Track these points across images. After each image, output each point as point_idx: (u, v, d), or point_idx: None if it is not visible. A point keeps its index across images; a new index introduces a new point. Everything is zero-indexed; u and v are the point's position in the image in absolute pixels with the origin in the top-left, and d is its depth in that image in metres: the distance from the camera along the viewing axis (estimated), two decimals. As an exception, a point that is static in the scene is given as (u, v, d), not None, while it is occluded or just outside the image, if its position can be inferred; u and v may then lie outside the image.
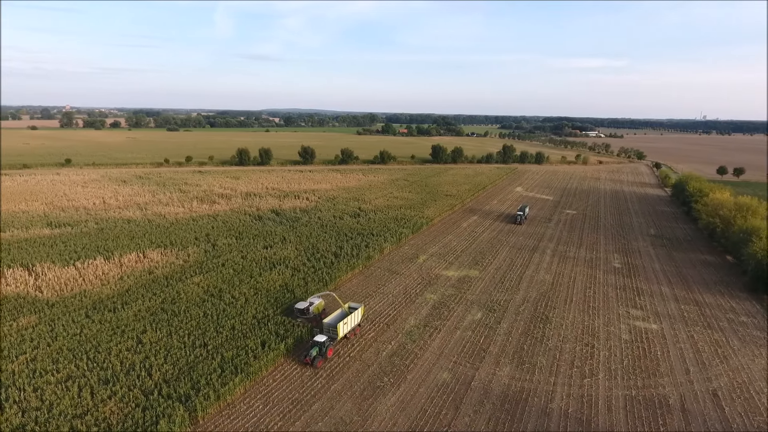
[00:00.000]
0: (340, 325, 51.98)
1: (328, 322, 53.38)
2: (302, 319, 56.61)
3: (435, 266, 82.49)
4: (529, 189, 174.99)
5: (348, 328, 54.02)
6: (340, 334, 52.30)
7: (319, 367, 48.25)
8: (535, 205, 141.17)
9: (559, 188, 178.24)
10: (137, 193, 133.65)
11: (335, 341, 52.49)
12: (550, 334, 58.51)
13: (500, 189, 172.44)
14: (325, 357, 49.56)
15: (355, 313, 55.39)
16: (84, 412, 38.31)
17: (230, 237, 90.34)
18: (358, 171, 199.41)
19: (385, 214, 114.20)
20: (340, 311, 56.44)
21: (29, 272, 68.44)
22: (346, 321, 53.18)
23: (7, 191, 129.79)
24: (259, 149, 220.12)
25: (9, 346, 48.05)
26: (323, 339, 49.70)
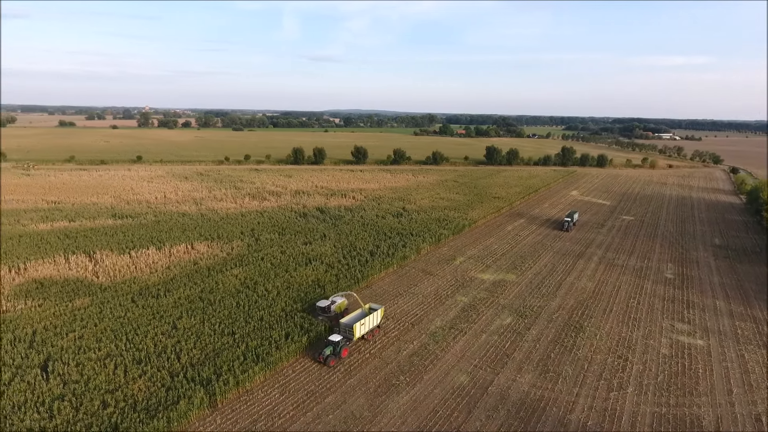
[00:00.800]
0: (357, 326, 52.09)
1: (345, 322, 53.66)
2: (323, 317, 57.06)
3: (471, 268, 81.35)
4: (585, 193, 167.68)
5: (365, 329, 53.85)
6: (356, 334, 52.38)
7: (332, 366, 48.59)
8: (588, 210, 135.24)
9: (618, 193, 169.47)
10: (195, 188, 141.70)
11: (351, 342, 52.70)
12: (582, 343, 56.12)
13: (554, 192, 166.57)
14: (339, 357, 49.73)
15: (375, 314, 55.29)
16: (115, 388, 41.55)
17: (273, 232, 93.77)
18: (409, 171, 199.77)
19: (427, 215, 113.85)
20: (360, 312, 56.64)
21: (90, 258, 74.67)
22: (364, 322, 53.11)
23: (82, 185, 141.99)
24: (314, 149, 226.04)
25: (62, 324, 52.84)
26: (338, 339, 50.02)
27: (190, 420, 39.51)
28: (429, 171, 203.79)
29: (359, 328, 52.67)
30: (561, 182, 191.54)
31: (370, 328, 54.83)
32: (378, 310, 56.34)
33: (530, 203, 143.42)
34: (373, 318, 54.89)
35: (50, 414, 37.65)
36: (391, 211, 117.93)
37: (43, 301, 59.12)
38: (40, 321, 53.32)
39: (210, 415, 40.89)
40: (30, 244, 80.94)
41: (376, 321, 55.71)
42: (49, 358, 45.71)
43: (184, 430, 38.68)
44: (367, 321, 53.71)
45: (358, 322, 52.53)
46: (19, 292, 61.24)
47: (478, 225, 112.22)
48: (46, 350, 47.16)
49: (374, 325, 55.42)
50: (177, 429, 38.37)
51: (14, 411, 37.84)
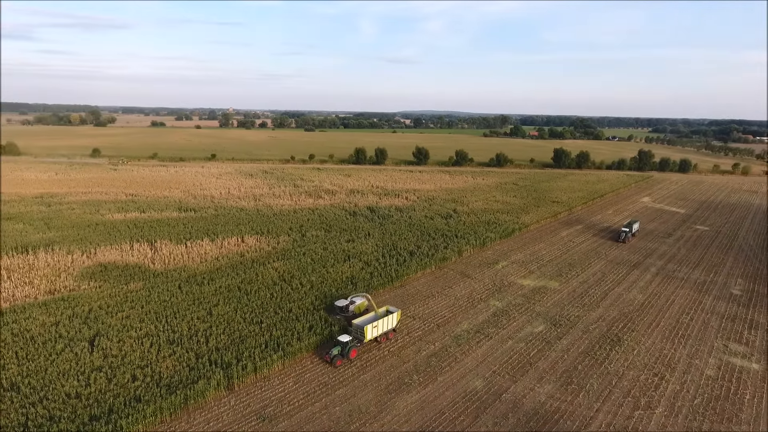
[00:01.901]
0: (368, 328, 51.75)
1: (357, 323, 53.39)
2: (341, 317, 57.21)
3: (512, 273, 79.14)
4: (658, 200, 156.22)
5: (378, 332, 53.18)
6: (367, 336, 51.96)
7: (338, 366, 48.54)
8: (658, 219, 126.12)
9: (696, 201, 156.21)
10: (258, 185, 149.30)
11: (362, 343, 52.35)
12: (616, 357, 52.94)
13: (622, 198, 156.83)
14: (347, 357, 49.71)
15: (390, 317, 54.58)
16: (146, 364, 45.42)
17: (320, 229, 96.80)
18: (469, 173, 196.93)
19: (477, 218, 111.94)
20: (374, 314, 56.02)
21: (151, 246, 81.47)
22: (376, 324, 52.64)
23: (158, 179, 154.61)
24: (375, 149, 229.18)
25: (114, 304, 58.38)
26: (347, 339, 50.03)
27: (207, 399, 42.32)
28: (490, 173, 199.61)
29: (371, 331, 52.18)
30: (632, 188, 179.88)
31: (384, 331, 53.99)
32: (394, 313, 55.56)
33: (592, 209, 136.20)
34: (387, 321, 54.14)
35: (87, 382, 42.00)
36: (441, 212, 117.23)
37: (103, 282, 65.58)
38: (96, 300, 59.25)
39: (226, 396, 43.53)
40: (103, 231, 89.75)
41: (391, 324, 54.89)
42: (97, 334, 50.79)
43: (200, 407, 41.51)
44: (380, 324, 53.10)
45: (370, 324, 52.21)
46: (86, 274, 68.32)
47: (530, 229, 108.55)
48: (96, 326, 52.41)
49: (389, 328, 54.58)
50: (193, 406, 41.27)
51: (58, 377, 42.63)
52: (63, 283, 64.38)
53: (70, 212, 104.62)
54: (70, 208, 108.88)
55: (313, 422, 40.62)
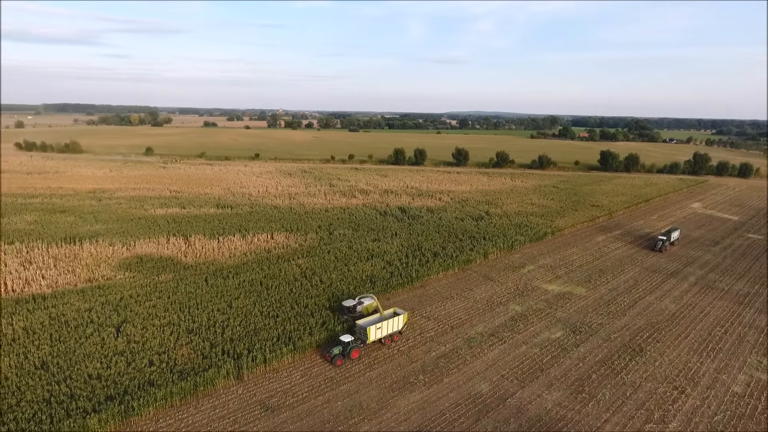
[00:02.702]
0: (371, 329, 51.59)
1: (361, 323, 53.22)
2: (348, 317, 57.28)
3: (538, 278, 77.38)
4: (710, 206, 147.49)
5: (383, 334, 52.83)
6: (370, 337, 51.74)
7: (339, 366, 48.73)
8: (706, 225, 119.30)
9: (753, 207, 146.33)
10: (294, 184, 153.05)
11: (364, 344, 52.14)
12: (635, 367, 50.86)
13: (670, 203, 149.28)
14: (348, 357, 49.88)
15: (396, 319, 54.07)
16: (164, 351, 47.98)
17: (348, 228, 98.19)
18: (508, 175, 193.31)
19: (509, 220, 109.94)
20: (379, 315, 55.60)
21: (186, 241, 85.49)
22: (380, 326, 52.31)
23: (202, 177, 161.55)
24: (415, 149, 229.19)
25: (144, 294, 61.87)
26: (348, 339, 50.13)
27: (216, 387, 44.28)
28: (530, 175, 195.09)
29: (374, 332, 51.88)
30: (684, 192, 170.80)
31: (389, 333, 53.55)
32: (400, 315, 55.03)
33: (635, 214, 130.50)
34: (392, 323, 53.69)
35: (108, 365, 44.92)
36: (472, 214, 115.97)
37: (137, 273, 69.58)
38: (129, 289, 63.02)
39: (235, 385, 45.33)
40: (144, 225, 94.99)
41: (397, 327, 54.36)
42: (124, 321, 54.09)
43: (209, 394, 43.47)
44: (384, 325, 52.71)
45: (373, 326, 51.96)
46: (122, 264, 72.71)
47: (564, 234, 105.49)
48: (125, 314, 55.81)
49: (394, 330, 54.10)
50: (202, 392, 43.28)
51: (83, 359, 45.82)
52: (101, 273, 68.81)
53: (117, 207, 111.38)
54: (118, 203, 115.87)
55: (314, 415, 41.60)
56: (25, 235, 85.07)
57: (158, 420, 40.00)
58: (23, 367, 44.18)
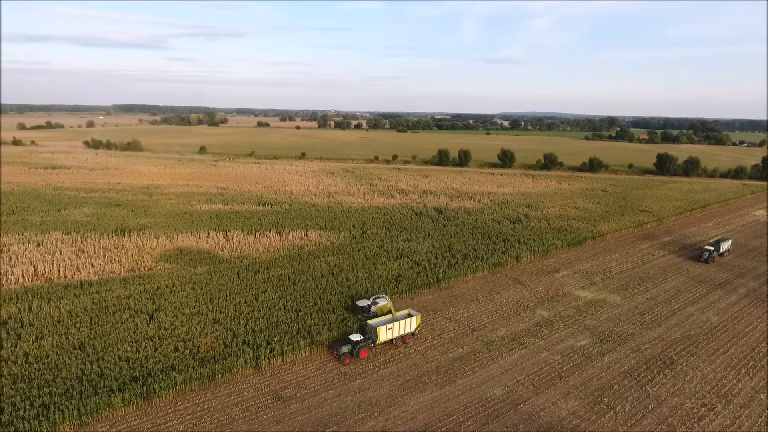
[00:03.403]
0: (381, 329, 51.41)
1: (372, 323, 53.10)
2: (362, 317, 57.29)
3: (571, 284, 75.01)
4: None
5: (393, 335, 52.35)
6: (380, 338, 51.53)
7: (346, 365, 48.84)
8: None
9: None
10: (335, 183, 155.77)
11: (375, 344, 51.92)
12: (662, 381, 48.38)
13: (730, 210, 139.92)
14: (357, 357, 49.83)
15: (408, 321, 53.63)
16: (189, 339, 50.56)
17: (381, 227, 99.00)
18: (554, 177, 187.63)
19: (548, 224, 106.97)
20: (391, 316, 55.23)
21: (225, 236, 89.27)
22: (391, 327, 52.01)
23: (248, 175, 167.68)
24: (459, 151, 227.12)
25: (179, 284, 65.29)
26: (357, 338, 50.19)
27: (234, 375, 46.23)
28: (578, 178, 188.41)
29: (384, 332, 51.64)
30: (747, 199, 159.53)
31: (400, 335, 53.15)
32: (414, 317, 54.61)
33: (689, 221, 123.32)
34: (404, 324, 53.26)
35: (137, 349, 47.92)
36: (510, 216, 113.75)
37: (176, 264, 73.50)
38: (166, 279, 66.74)
39: (252, 374, 47.13)
40: (189, 220, 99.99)
41: (409, 328, 53.79)
42: (158, 309, 57.40)
43: (226, 381, 45.46)
44: (396, 326, 52.40)
45: (384, 326, 51.77)
46: (164, 256, 77.00)
47: (606, 239, 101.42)
48: (159, 302, 59.21)
49: (406, 332, 53.58)
50: (220, 380, 45.34)
51: (116, 342, 49.13)
52: (144, 263, 73.22)
53: (166, 202, 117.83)
54: (168, 198, 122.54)
55: (323, 407, 42.58)
56: (82, 226, 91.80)
57: (176, 403, 42.30)
58: (63, 346, 47.96)
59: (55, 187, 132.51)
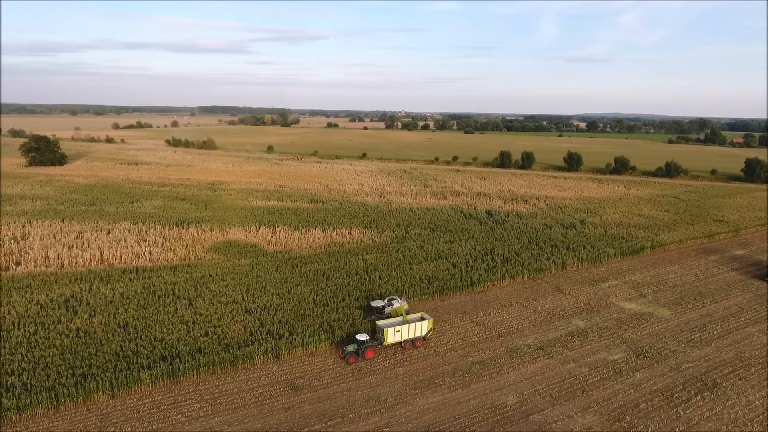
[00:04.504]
0: (389, 331, 51.18)
1: (380, 324, 52.95)
2: (375, 317, 57.17)
3: (617, 294, 70.89)
4: None
5: (402, 337, 52.03)
6: (387, 339, 51.29)
7: (350, 364, 49.09)
8: None
9: None
10: (389, 183, 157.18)
11: (382, 345, 51.73)
12: (698, 403, 44.65)
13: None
14: (362, 356, 49.88)
15: (418, 324, 52.96)
16: (219, 325, 53.81)
17: (425, 228, 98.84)
18: (623, 182, 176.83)
19: (603, 230, 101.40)
20: (401, 318, 54.77)
21: (273, 231, 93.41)
22: (400, 329, 51.61)
23: (307, 174, 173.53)
24: (522, 153, 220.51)
25: (221, 274, 69.43)
26: (363, 338, 50.19)
27: (255, 362, 48.69)
28: (650, 184, 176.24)
29: (392, 334, 51.37)
30: None
31: (410, 338, 52.60)
32: (425, 321, 53.89)
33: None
34: (414, 328, 52.63)
35: (171, 331, 51.82)
36: (565, 221, 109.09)
37: (222, 256, 78.14)
38: (211, 269, 71.23)
39: (271, 363, 49.34)
40: (243, 215, 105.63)
41: (420, 332, 53.08)
42: (198, 296, 61.55)
43: (247, 368, 47.97)
44: (405, 329, 51.97)
45: (392, 328, 51.55)
46: (214, 248, 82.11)
47: (668, 249, 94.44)
48: (200, 290, 63.43)
49: (416, 335, 52.87)
50: (241, 365, 47.92)
51: (154, 324, 53.41)
52: (195, 253, 78.54)
53: (227, 197, 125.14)
54: (229, 194, 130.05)
55: (331, 399, 43.74)
56: (148, 217, 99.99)
57: (198, 383, 45.33)
58: (109, 324, 52.92)
59: (133, 182, 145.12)
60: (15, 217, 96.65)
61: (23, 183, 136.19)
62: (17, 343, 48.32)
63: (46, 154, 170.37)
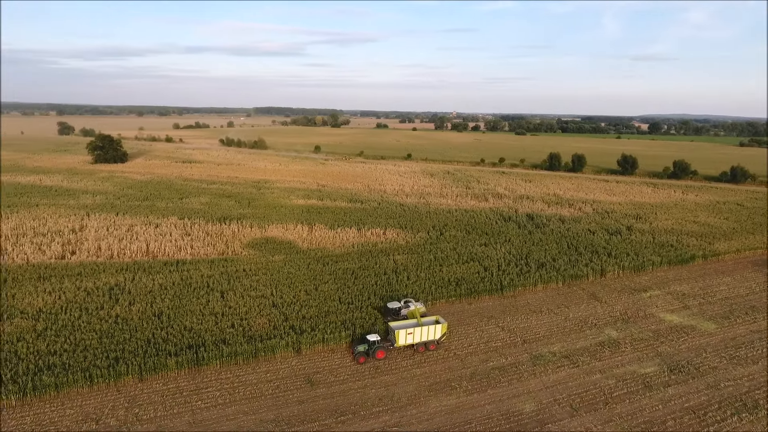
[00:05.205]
0: (400, 333, 50.72)
1: (392, 326, 52.61)
2: (390, 319, 56.73)
3: (658, 305, 67.23)
4: None
5: (414, 340, 51.51)
6: (399, 341, 50.85)
7: (361, 363, 49.30)
8: None
9: None
10: (431, 184, 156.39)
11: (393, 346, 51.34)
12: (734, 424, 41.67)
13: None
14: (372, 357, 49.90)
15: (432, 328, 52.12)
16: (245, 318, 55.77)
17: (461, 230, 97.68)
18: (681, 187, 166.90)
19: (652, 238, 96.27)
20: (415, 321, 54.18)
21: (309, 229, 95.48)
22: (412, 331, 51.00)
23: (350, 174, 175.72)
24: (573, 155, 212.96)
25: (254, 269, 71.83)
26: (374, 339, 50.03)
27: (275, 355, 50.10)
28: (711, 189, 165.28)
29: (404, 336, 50.92)
30: None
31: (423, 341, 51.89)
32: (440, 325, 53.03)
33: None
34: (428, 331, 51.90)
35: (200, 321, 54.28)
36: (610, 227, 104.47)
37: (258, 251, 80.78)
38: (245, 264, 73.87)
39: (292, 357, 50.60)
40: (284, 213, 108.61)
41: (433, 335, 52.25)
42: (230, 289, 64.04)
43: (267, 360, 49.46)
44: (417, 332, 51.34)
45: (404, 330, 51.07)
46: (251, 243, 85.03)
47: (722, 260, 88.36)
48: (233, 283, 65.95)
49: (429, 339, 52.03)
50: (262, 358, 49.47)
51: (186, 314, 56.11)
52: (232, 248, 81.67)
53: (269, 195, 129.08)
54: (272, 192, 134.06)
55: (345, 396, 44.31)
56: (195, 213, 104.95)
57: (221, 372, 47.25)
58: (145, 312, 56.15)
59: (185, 179, 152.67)
60: (76, 210, 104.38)
61: (87, 179, 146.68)
62: (62, 326, 52.28)
63: (110, 152, 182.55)
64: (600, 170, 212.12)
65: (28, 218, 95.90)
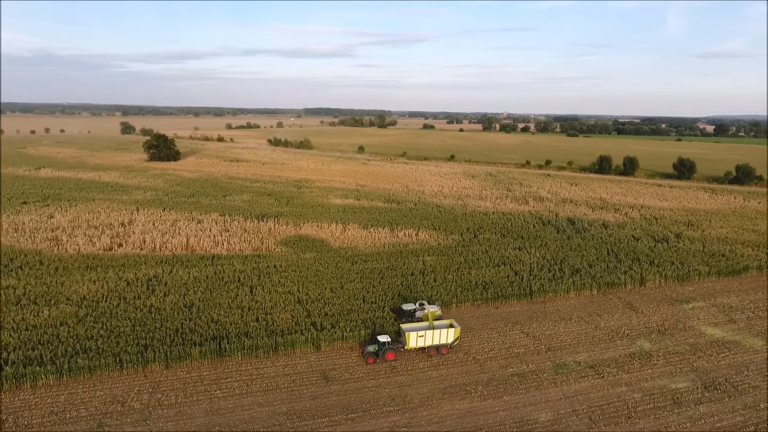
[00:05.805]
0: (411, 335, 50.31)
1: (404, 327, 52.12)
2: (404, 320, 56.17)
3: (699, 317, 63.40)
4: None
5: (425, 343, 50.97)
6: (409, 344, 50.47)
7: (369, 364, 49.23)
8: None
9: None
10: (471, 186, 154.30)
11: (403, 348, 51.02)
12: (770, 450, 38.68)
13: None
14: (382, 358, 49.73)
15: (444, 331, 51.30)
16: (270, 313, 57.35)
17: (496, 233, 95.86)
18: (743, 193, 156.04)
19: (701, 246, 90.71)
20: (427, 323, 53.41)
21: (342, 228, 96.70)
22: (423, 334, 50.41)
23: (390, 174, 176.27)
24: (624, 158, 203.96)
25: (284, 266, 73.64)
26: (384, 340, 49.79)
27: (295, 350, 51.30)
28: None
29: (414, 339, 50.46)
30: None
31: (434, 344, 51.18)
32: (452, 329, 52.12)
33: None
34: (439, 334, 51.09)
35: (227, 314, 56.35)
36: (657, 234, 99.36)
37: (290, 249, 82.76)
38: (277, 261, 75.90)
39: (311, 352, 51.65)
40: (320, 211, 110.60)
41: (445, 339, 51.39)
42: (259, 284, 66.03)
43: (287, 354, 50.69)
44: (428, 335, 50.70)
45: (415, 332, 50.59)
46: (285, 241, 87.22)
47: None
48: (263, 279, 67.97)
49: (441, 342, 51.26)
50: (282, 352, 50.76)
51: (214, 306, 58.41)
52: (266, 245, 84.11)
53: (308, 194, 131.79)
54: (311, 191, 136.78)
55: (358, 394, 44.71)
56: (235, 210, 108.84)
57: (241, 364, 48.89)
58: (177, 303, 58.94)
59: (231, 177, 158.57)
60: (127, 204, 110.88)
61: (141, 176, 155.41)
62: (101, 313, 55.80)
63: (164, 150, 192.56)
64: (653, 174, 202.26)
65: (84, 212, 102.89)
